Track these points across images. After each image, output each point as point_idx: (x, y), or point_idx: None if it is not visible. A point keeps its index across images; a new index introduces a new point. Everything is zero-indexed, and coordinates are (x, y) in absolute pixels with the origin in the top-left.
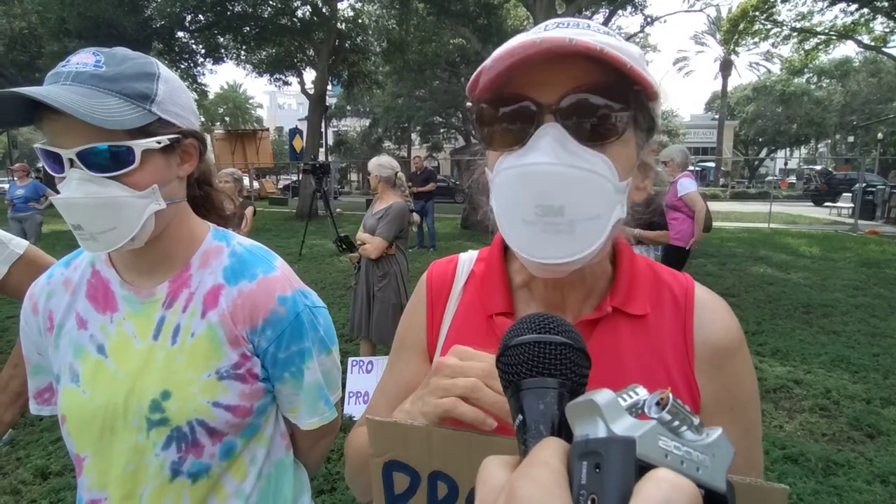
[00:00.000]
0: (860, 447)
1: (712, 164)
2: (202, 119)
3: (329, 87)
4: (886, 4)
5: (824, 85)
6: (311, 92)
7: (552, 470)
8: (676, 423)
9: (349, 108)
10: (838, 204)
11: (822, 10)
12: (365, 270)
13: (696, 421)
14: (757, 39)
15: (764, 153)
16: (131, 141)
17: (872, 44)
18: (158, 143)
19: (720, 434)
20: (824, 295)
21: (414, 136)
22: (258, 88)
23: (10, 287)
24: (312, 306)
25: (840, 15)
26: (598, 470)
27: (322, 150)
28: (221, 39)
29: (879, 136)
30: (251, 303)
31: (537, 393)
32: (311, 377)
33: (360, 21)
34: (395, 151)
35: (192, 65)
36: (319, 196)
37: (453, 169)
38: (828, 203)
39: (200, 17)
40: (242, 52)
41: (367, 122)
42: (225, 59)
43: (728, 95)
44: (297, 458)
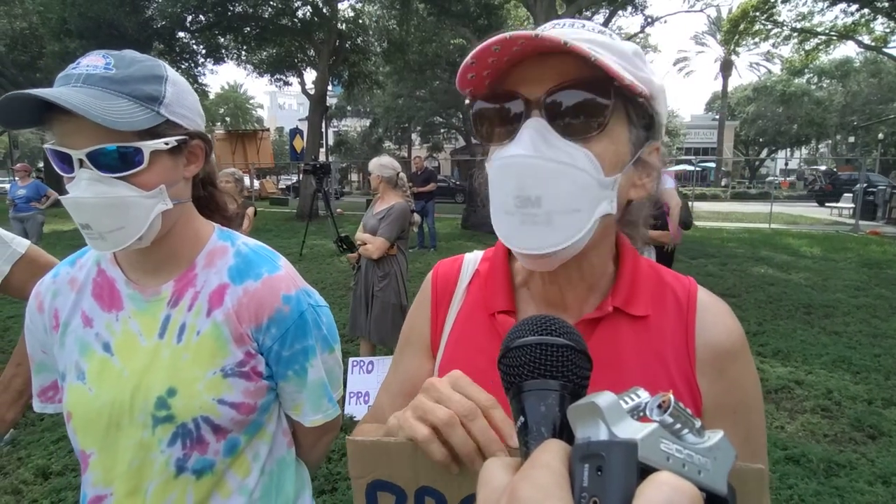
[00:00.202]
0: (862, 448)
1: (713, 165)
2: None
3: (329, 87)
4: (887, 5)
5: (825, 85)
6: (312, 92)
7: (554, 472)
8: (678, 426)
9: (349, 108)
10: (839, 204)
11: (822, 10)
12: (365, 271)
13: (698, 424)
14: (757, 40)
15: (764, 153)
16: (140, 142)
17: (873, 44)
18: (166, 144)
19: (721, 437)
20: (825, 295)
21: (414, 136)
22: (259, 89)
23: (11, 286)
24: (316, 305)
25: (840, 15)
26: (599, 472)
27: (322, 150)
28: (222, 40)
29: (880, 136)
30: (256, 302)
31: (539, 395)
32: (314, 375)
33: (360, 21)
34: (396, 152)
35: (192, 65)
36: (320, 196)
37: (454, 169)
38: (828, 203)
39: (201, 17)
40: (243, 53)
41: (367, 122)
42: (225, 59)
43: (728, 96)
44: (298, 455)
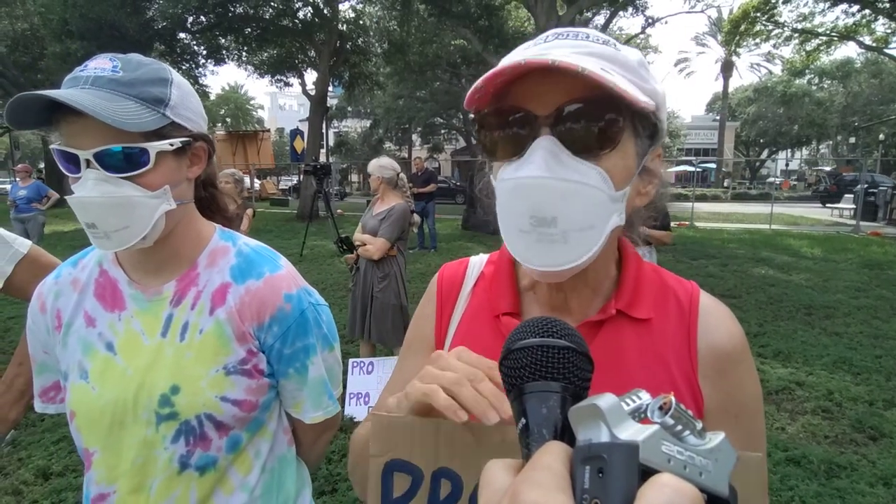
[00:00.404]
0: (863, 449)
1: (713, 166)
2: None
3: (330, 88)
4: (888, 5)
5: (826, 86)
6: (312, 93)
7: (555, 474)
8: (679, 427)
9: (350, 109)
10: (840, 205)
11: (823, 11)
12: (364, 271)
13: (699, 426)
14: (758, 40)
15: (765, 154)
16: (146, 143)
17: (874, 45)
18: (171, 145)
19: (723, 439)
20: (826, 296)
21: (415, 137)
22: (259, 89)
23: (13, 287)
24: (316, 304)
25: (841, 16)
26: (601, 474)
27: (323, 151)
28: (223, 41)
29: (881, 137)
30: (259, 300)
31: (540, 397)
32: (315, 372)
33: (361, 22)
34: (396, 152)
35: (193, 66)
36: (320, 197)
37: (454, 170)
38: (829, 204)
39: (202, 18)
40: (244, 54)
41: (367, 123)
42: (226, 60)
43: (729, 96)
44: (299, 454)
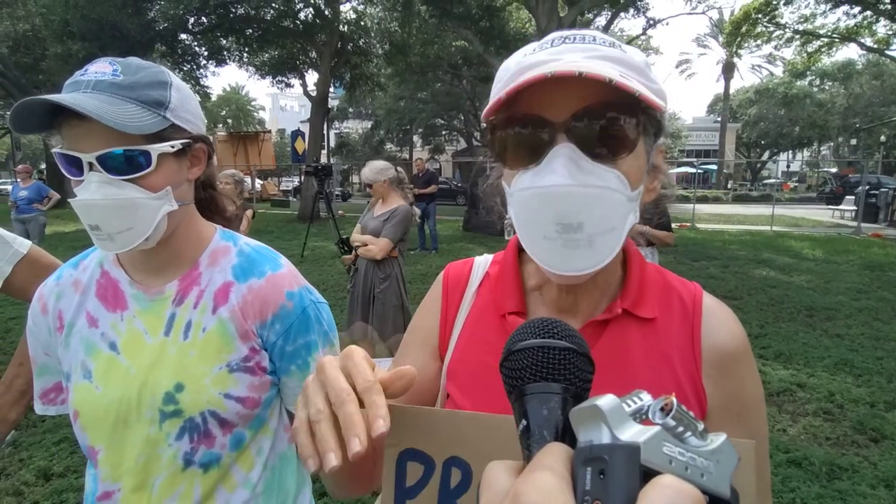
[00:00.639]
0: (864, 451)
1: (714, 167)
2: (206, 121)
3: (331, 89)
4: (889, 7)
5: (827, 87)
6: (314, 94)
7: (556, 475)
8: (681, 428)
9: (351, 110)
10: (841, 206)
11: (824, 12)
12: (365, 272)
13: (701, 427)
14: (759, 42)
15: (766, 156)
16: (148, 145)
17: (875, 46)
18: (172, 147)
19: (724, 440)
20: (827, 298)
21: (416, 138)
22: (260, 90)
23: (13, 287)
24: (317, 301)
25: (843, 17)
26: (602, 476)
27: (324, 152)
28: (224, 42)
29: (882, 138)
30: (261, 298)
31: (541, 398)
32: None
33: (362, 23)
34: (397, 154)
35: (194, 67)
36: (322, 198)
37: (455, 171)
38: (830, 205)
39: (203, 19)
40: (245, 55)
41: (369, 124)
42: (227, 61)
43: (730, 98)
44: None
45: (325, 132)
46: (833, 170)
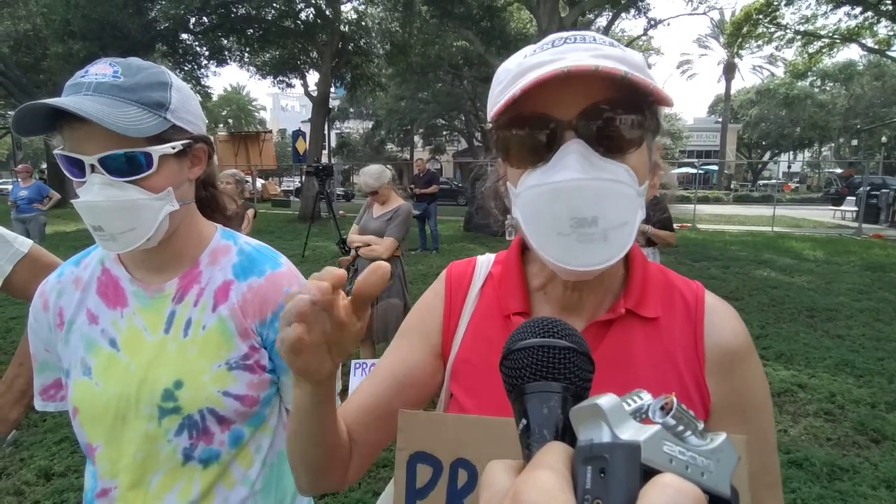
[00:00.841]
0: (865, 452)
1: (715, 168)
2: (206, 121)
3: (332, 89)
4: (890, 8)
5: (828, 88)
6: (315, 94)
7: (556, 474)
8: (681, 427)
9: (352, 110)
10: (843, 207)
11: (825, 13)
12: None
13: (700, 426)
14: (760, 42)
15: (767, 157)
16: (149, 147)
17: (876, 47)
18: (173, 148)
19: (724, 439)
20: (828, 299)
21: (417, 138)
22: (261, 91)
23: (14, 286)
24: None
25: (844, 18)
26: (602, 475)
27: (325, 152)
28: (225, 42)
29: (883, 139)
30: (261, 297)
31: (541, 397)
32: None
33: (363, 23)
34: (398, 154)
35: (195, 67)
36: (322, 198)
37: (456, 171)
38: (831, 206)
39: (204, 19)
40: (246, 55)
41: (370, 124)
42: (228, 61)
43: (731, 98)
44: None
45: (326, 132)
46: (838, 170)
